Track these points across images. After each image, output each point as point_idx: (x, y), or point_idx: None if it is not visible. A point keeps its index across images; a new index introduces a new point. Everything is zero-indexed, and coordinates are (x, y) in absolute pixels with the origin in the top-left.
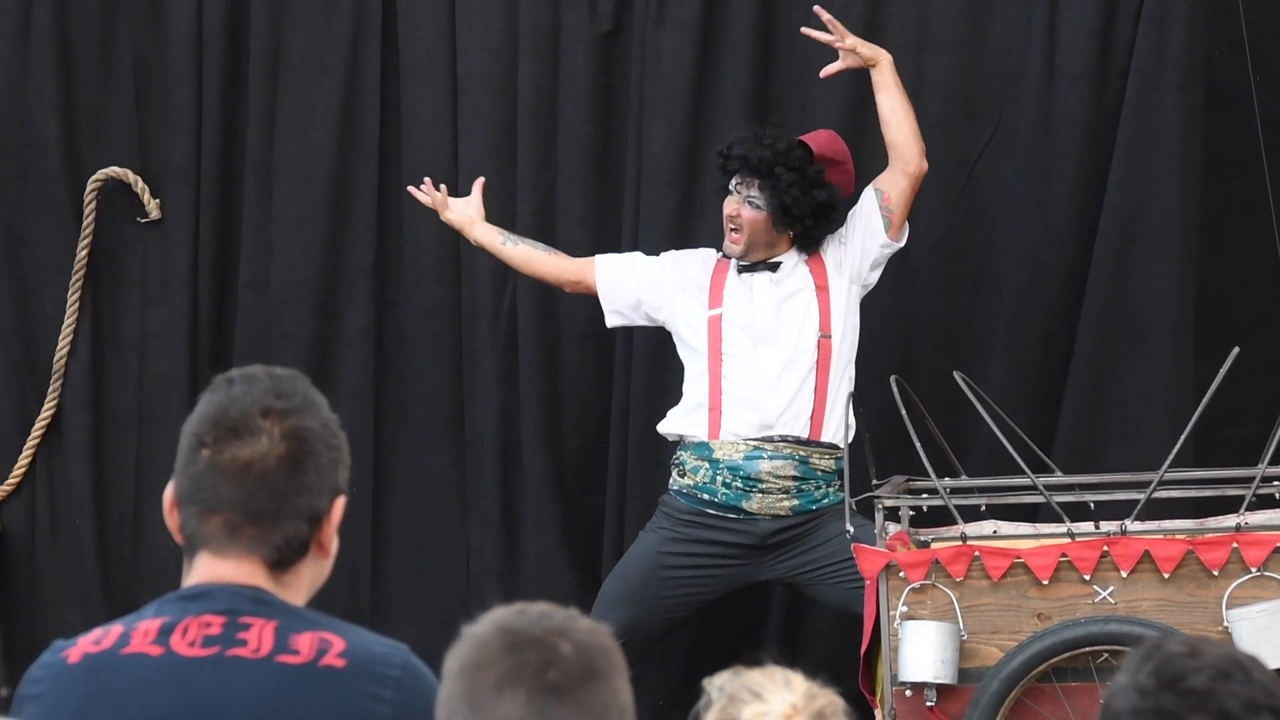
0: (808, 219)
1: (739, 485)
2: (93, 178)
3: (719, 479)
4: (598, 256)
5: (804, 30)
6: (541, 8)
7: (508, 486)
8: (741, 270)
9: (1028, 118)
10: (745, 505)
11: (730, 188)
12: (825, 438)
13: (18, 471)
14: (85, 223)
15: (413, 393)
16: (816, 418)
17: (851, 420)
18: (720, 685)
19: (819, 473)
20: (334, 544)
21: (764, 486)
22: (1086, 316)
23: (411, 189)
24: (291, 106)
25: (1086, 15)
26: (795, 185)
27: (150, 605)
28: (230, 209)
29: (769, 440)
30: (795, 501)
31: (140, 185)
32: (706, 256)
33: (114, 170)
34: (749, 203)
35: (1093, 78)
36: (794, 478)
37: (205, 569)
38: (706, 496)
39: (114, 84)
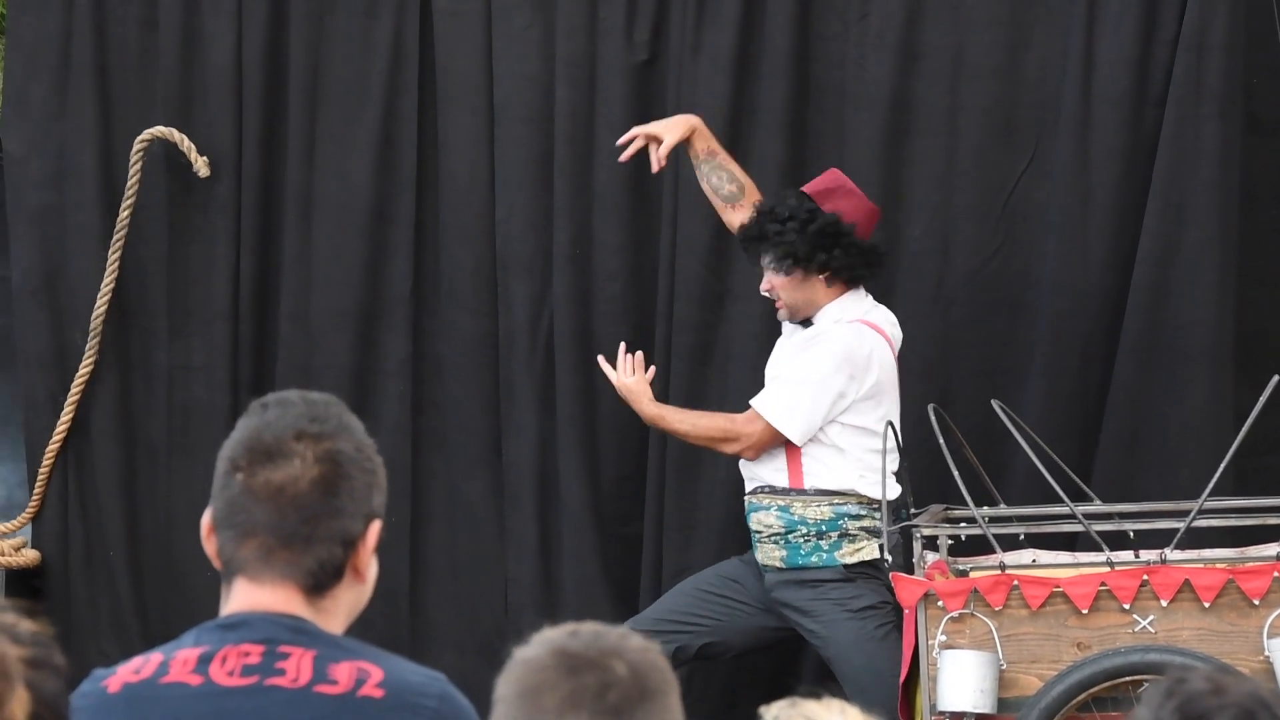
0: (820, 253)
1: (752, 535)
2: (139, 138)
3: (749, 527)
4: None
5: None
6: (578, 37)
7: (545, 516)
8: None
9: (1065, 146)
10: (756, 554)
11: (761, 267)
12: (808, 484)
13: (37, 492)
14: (130, 183)
15: (451, 422)
16: (793, 466)
17: (891, 445)
18: (776, 715)
19: (807, 521)
20: (372, 570)
21: (759, 536)
22: (1125, 344)
23: (602, 362)
24: (330, 137)
25: (1124, 43)
26: (787, 231)
27: (189, 633)
28: (270, 240)
29: (755, 492)
30: (784, 552)
31: (187, 144)
32: None
33: (159, 130)
34: (770, 269)
35: (1130, 105)
36: (779, 531)
37: (243, 596)
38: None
39: (152, 116)
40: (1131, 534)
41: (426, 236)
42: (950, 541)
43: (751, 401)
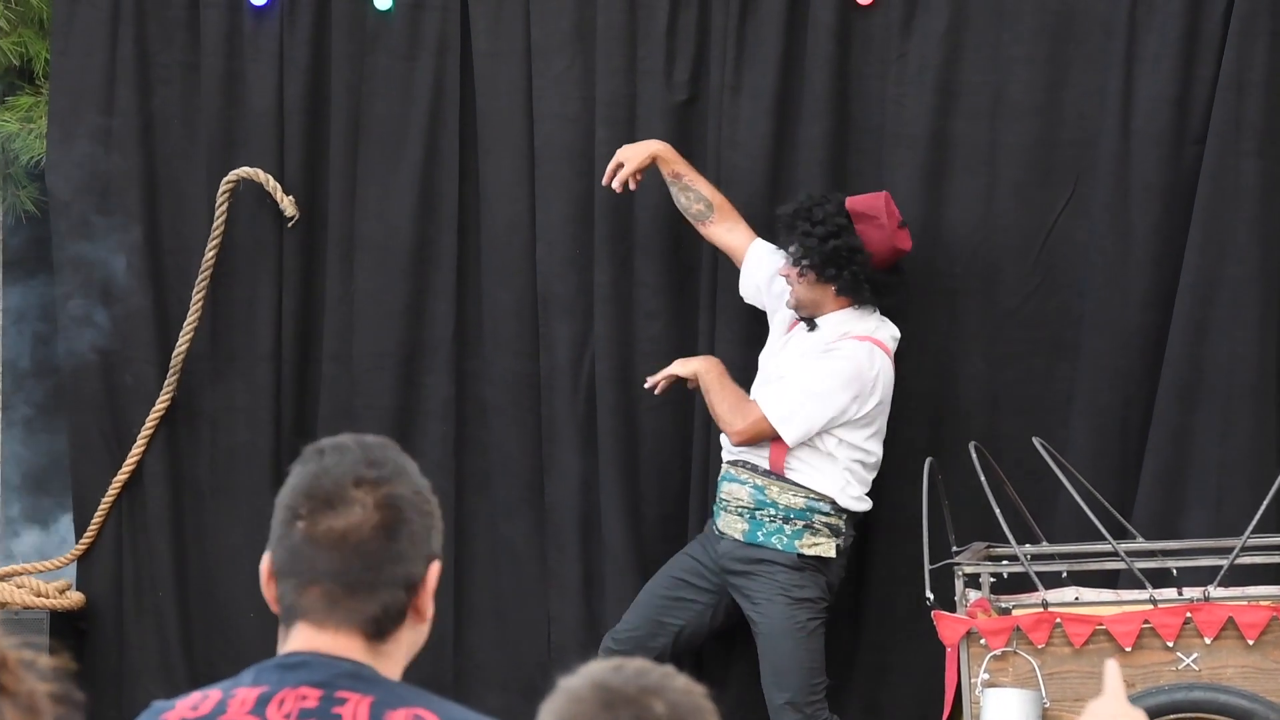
0: (831, 268)
1: (718, 500)
2: (225, 179)
3: (718, 493)
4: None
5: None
6: (618, 77)
7: (587, 556)
8: (804, 321)
9: (1104, 184)
10: (717, 521)
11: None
12: (791, 476)
13: (90, 532)
14: (216, 224)
15: (494, 463)
16: (776, 455)
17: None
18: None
19: (778, 504)
20: (431, 609)
21: (725, 505)
22: (1166, 381)
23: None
24: (371, 179)
25: (1163, 81)
26: (810, 235)
27: (248, 671)
28: (312, 282)
29: (734, 464)
30: (745, 526)
31: (272, 184)
32: None
33: (245, 171)
34: (789, 260)
35: (1170, 143)
36: (747, 506)
37: (304, 639)
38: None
39: (196, 158)
40: (1175, 571)
41: (468, 277)
42: (993, 579)
43: (756, 398)
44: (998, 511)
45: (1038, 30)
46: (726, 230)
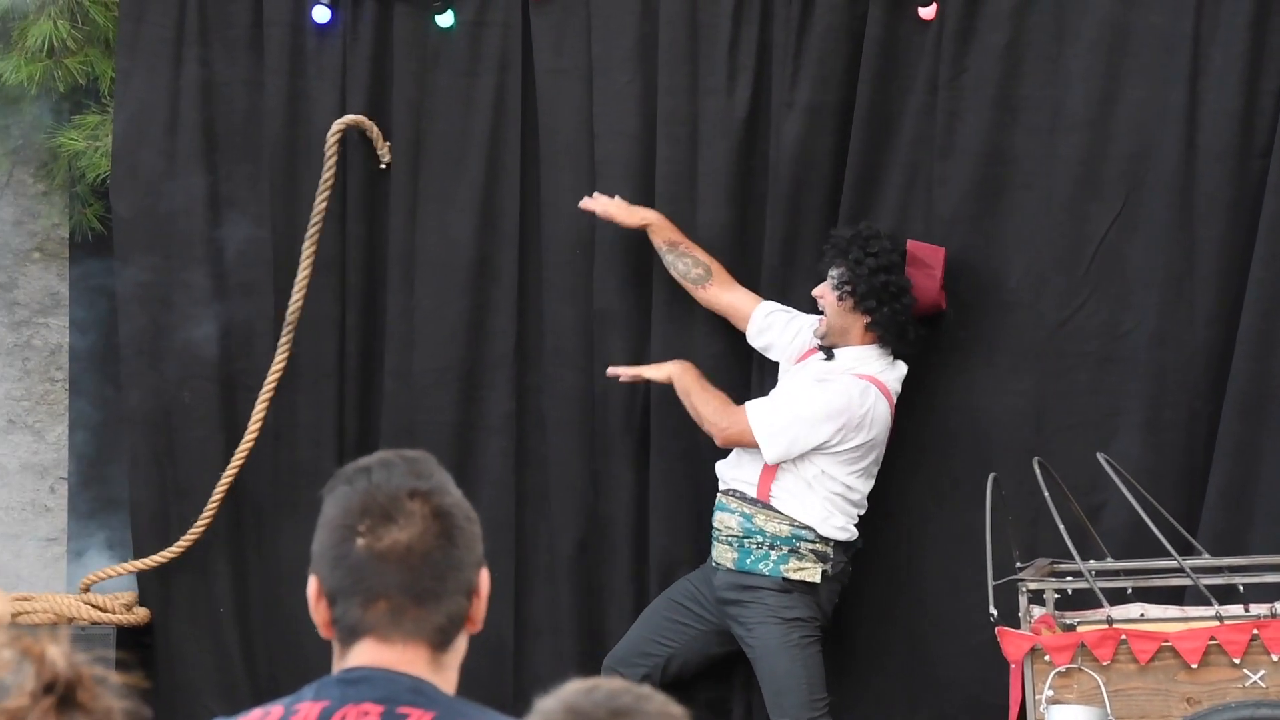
0: (871, 300)
1: (713, 530)
2: (332, 128)
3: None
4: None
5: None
6: (679, 94)
7: (640, 572)
8: (820, 348)
9: (1165, 198)
10: (713, 552)
11: (826, 274)
12: (775, 504)
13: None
14: (326, 168)
15: (552, 478)
16: (763, 482)
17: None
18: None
19: (765, 532)
20: (483, 615)
21: (717, 535)
22: (1231, 396)
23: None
24: (433, 195)
25: (1227, 96)
26: (862, 264)
27: (309, 687)
28: (374, 298)
29: (725, 493)
30: (735, 554)
31: (375, 131)
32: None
33: (351, 118)
34: (830, 283)
35: (1234, 157)
36: (736, 534)
37: (368, 654)
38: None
39: (258, 176)
40: (1241, 588)
41: (528, 293)
42: (1057, 595)
43: (747, 405)
44: (1061, 527)
45: (1096, 44)
46: (725, 292)
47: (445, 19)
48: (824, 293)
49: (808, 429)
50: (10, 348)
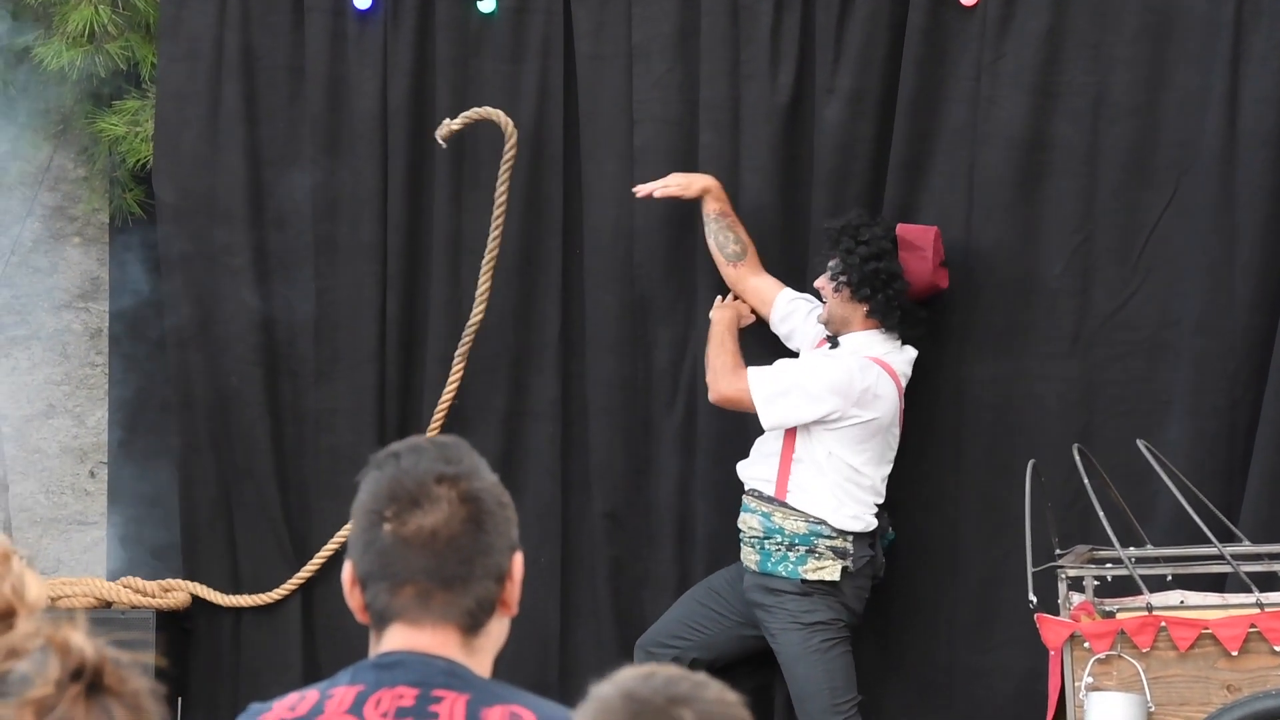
0: (865, 288)
1: (739, 531)
2: (508, 142)
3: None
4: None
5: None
6: (720, 80)
7: (683, 558)
8: (828, 337)
9: (1208, 186)
10: (741, 552)
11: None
12: (792, 501)
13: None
14: (501, 180)
15: (596, 464)
16: (780, 479)
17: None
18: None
19: (783, 531)
20: (517, 599)
21: (743, 537)
22: (1273, 383)
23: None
24: (475, 181)
25: (1269, 82)
26: (853, 253)
27: (345, 671)
28: (417, 284)
29: (747, 493)
30: (758, 556)
31: (503, 119)
32: None
33: (483, 111)
34: (828, 274)
35: (1276, 144)
36: (758, 535)
37: (399, 638)
38: None
39: (300, 161)
40: None
41: (572, 280)
42: (1096, 582)
43: (749, 369)
44: (1102, 514)
45: (1139, 30)
46: (753, 275)
47: (487, 5)
48: (823, 284)
49: (807, 400)
50: (50, 332)
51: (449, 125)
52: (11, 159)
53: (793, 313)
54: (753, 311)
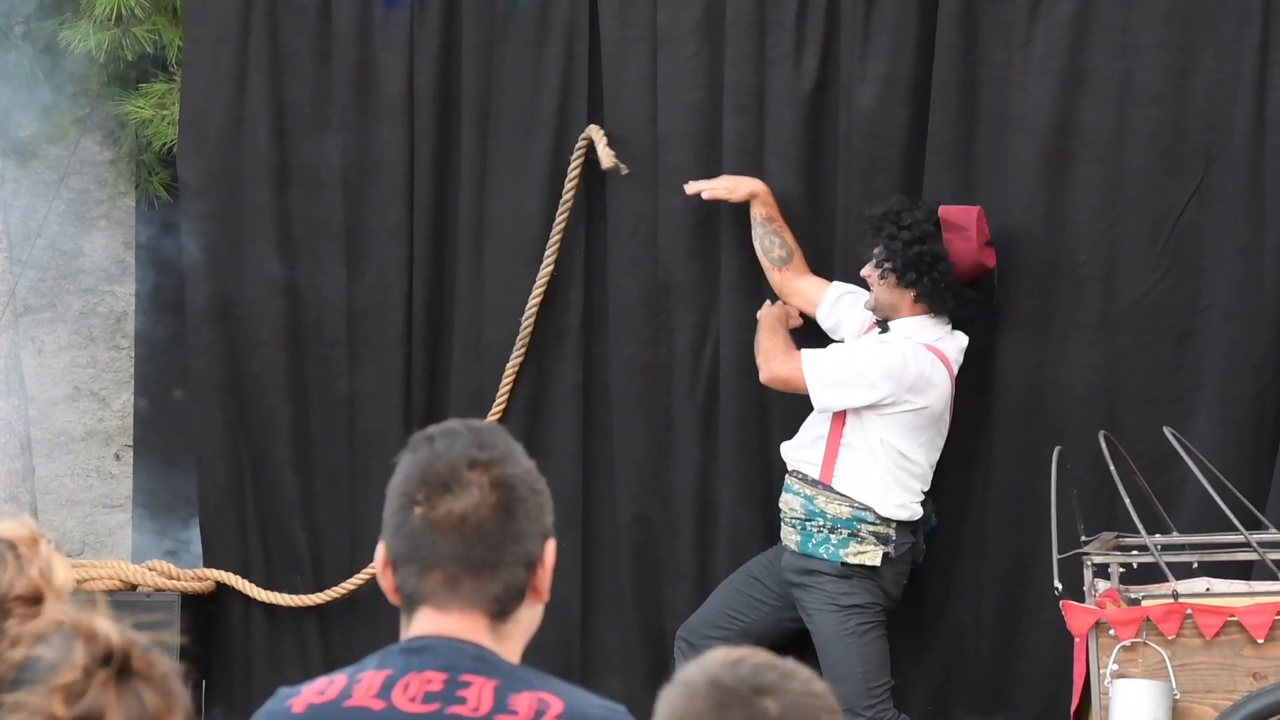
0: (911, 273)
1: (780, 512)
2: (580, 139)
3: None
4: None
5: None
6: (746, 65)
7: (704, 544)
8: (877, 324)
9: (1236, 172)
10: (781, 531)
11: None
12: (837, 486)
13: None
14: (570, 178)
15: (618, 449)
16: (826, 463)
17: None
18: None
19: (826, 514)
20: (548, 587)
21: (784, 517)
22: None
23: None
24: (501, 166)
25: None
26: (896, 238)
27: (373, 656)
28: (443, 268)
29: (790, 474)
30: (798, 537)
31: (599, 134)
32: None
33: (590, 130)
34: (873, 262)
35: None
36: (800, 516)
37: (427, 622)
38: None
39: (326, 146)
40: None
41: (595, 265)
42: (1122, 569)
43: (803, 351)
44: (1128, 501)
45: (1167, 16)
46: (799, 278)
47: None
48: (869, 273)
49: (861, 385)
50: (76, 315)
51: (609, 157)
52: (38, 142)
53: (840, 304)
54: (800, 315)
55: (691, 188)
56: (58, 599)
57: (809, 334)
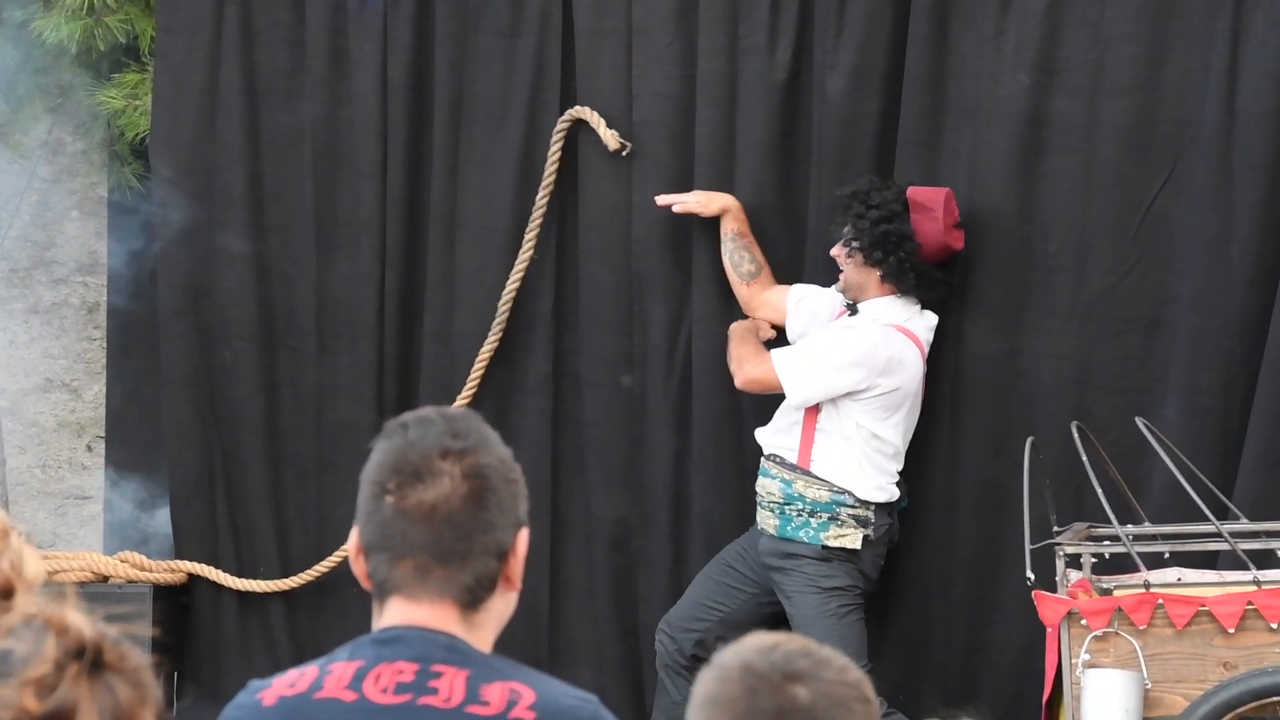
0: (877, 252)
1: (756, 495)
2: (560, 119)
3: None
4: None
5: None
6: (719, 56)
7: (679, 535)
8: (847, 307)
9: (1206, 162)
10: (757, 516)
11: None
12: (815, 470)
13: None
14: (550, 160)
15: (588, 440)
16: (804, 448)
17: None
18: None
19: (805, 498)
20: (520, 576)
21: (761, 500)
22: (1269, 360)
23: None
24: (473, 157)
25: (1268, 58)
26: (864, 217)
27: (344, 647)
28: (414, 259)
29: (768, 458)
30: (776, 521)
31: (596, 119)
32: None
33: (575, 111)
34: (841, 242)
35: (1275, 120)
36: (778, 500)
37: (398, 612)
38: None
39: (300, 136)
40: (1279, 552)
41: (567, 255)
42: (1094, 560)
43: (773, 350)
44: (1100, 492)
45: (1139, 7)
46: (765, 290)
47: None
48: (838, 252)
49: (834, 373)
50: (48, 306)
51: (614, 138)
52: (10, 132)
53: (803, 297)
54: (772, 326)
55: (663, 200)
56: (29, 591)
57: (782, 342)
